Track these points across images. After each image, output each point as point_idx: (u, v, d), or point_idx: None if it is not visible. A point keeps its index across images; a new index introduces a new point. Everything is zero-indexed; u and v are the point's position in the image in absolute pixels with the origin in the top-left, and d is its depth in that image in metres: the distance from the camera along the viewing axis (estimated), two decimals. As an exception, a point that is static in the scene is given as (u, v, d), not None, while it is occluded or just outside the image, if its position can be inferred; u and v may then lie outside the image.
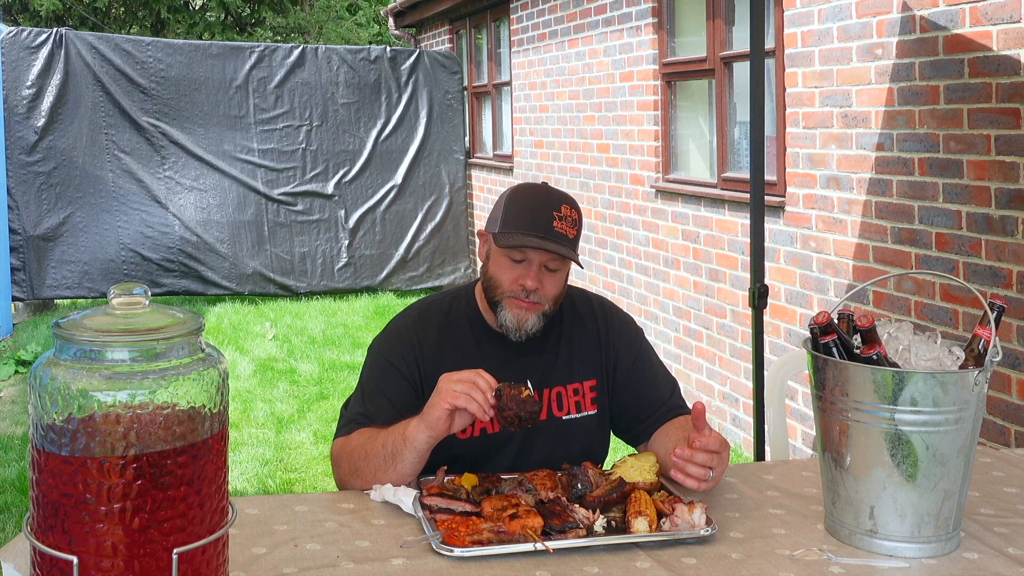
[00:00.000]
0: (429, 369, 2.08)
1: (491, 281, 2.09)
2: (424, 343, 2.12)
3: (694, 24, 5.80)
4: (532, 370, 2.11)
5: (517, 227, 2.03)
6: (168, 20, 18.04)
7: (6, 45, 8.06)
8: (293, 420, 5.62)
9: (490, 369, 2.03)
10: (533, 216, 2.03)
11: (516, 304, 2.06)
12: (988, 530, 1.79)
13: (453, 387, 1.84)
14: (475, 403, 1.82)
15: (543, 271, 2.05)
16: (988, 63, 3.45)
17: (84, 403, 1.17)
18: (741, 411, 5.16)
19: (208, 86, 8.74)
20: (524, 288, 2.04)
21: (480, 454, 2.08)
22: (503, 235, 2.04)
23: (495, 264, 2.08)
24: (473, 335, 2.15)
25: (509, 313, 2.06)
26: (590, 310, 2.24)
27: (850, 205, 4.24)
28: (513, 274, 2.05)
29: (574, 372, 2.16)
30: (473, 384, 1.84)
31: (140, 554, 1.17)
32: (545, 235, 2.01)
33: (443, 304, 2.20)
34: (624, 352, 2.20)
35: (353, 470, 1.97)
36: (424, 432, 1.87)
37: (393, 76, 9.39)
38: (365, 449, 1.95)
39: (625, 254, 6.53)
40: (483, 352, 2.12)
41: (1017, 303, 3.38)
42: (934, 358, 1.74)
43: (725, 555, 1.67)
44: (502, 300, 2.06)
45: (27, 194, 8.16)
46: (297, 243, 9.06)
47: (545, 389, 2.12)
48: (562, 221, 2.04)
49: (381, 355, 2.13)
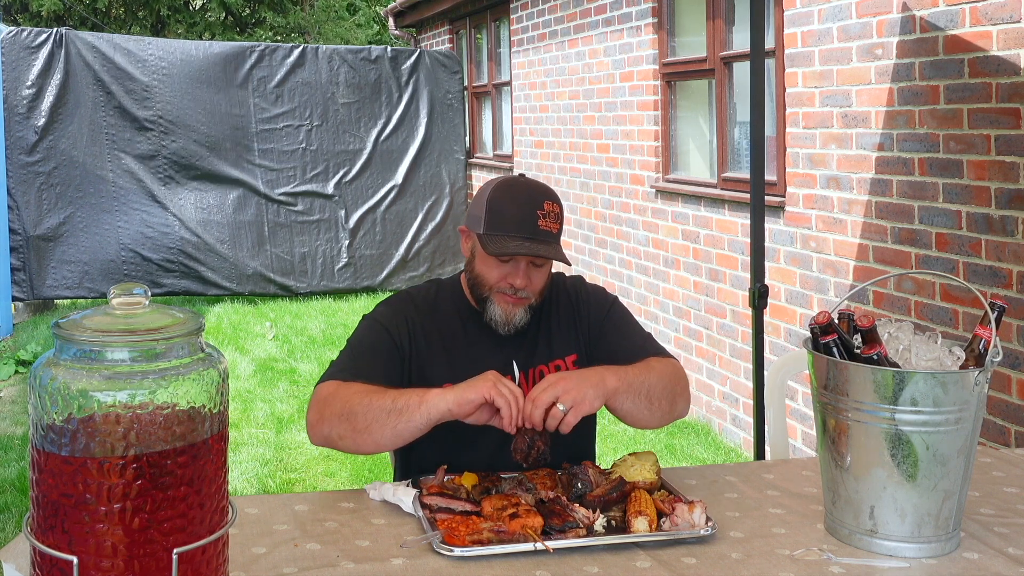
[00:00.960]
0: (420, 346, 2.12)
1: (479, 279, 2.10)
2: (416, 319, 2.14)
3: (694, 24, 5.80)
4: (516, 353, 2.15)
5: (503, 229, 2.04)
6: (168, 20, 18.03)
7: (6, 45, 8.06)
8: (293, 420, 5.62)
9: (476, 352, 2.09)
10: (518, 218, 2.04)
11: (504, 300, 2.08)
12: (988, 530, 1.79)
13: (500, 386, 1.86)
14: (509, 412, 1.85)
15: (530, 268, 2.08)
16: (988, 63, 3.45)
17: (84, 403, 1.17)
18: (741, 411, 5.16)
19: (208, 86, 8.73)
20: (512, 286, 2.06)
21: (465, 438, 2.05)
22: (489, 238, 2.04)
23: (482, 262, 2.10)
24: (460, 319, 2.18)
25: (498, 308, 2.09)
26: (564, 289, 2.26)
27: (850, 205, 4.24)
28: (501, 272, 2.07)
29: (554, 350, 2.18)
30: (517, 399, 1.86)
31: (140, 554, 1.17)
32: (532, 236, 2.03)
33: (430, 290, 2.24)
34: (595, 316, 2.22)
35: (345, 412, 1.91)
36: (448, 403, 1.87)
37: (394, 76, 9.39)
38: (369, 397, 1.91)
39: (625, 254, 6.53)
40: (469, 336, 2.15)
41: (1017, 303, 3.38)
42: (934, 358, 1.74)
43: (725, 555, 1.67)
44: (490, 296, 2.09)
45: (27, 194, 8.16)
46: (297, 243, 9.05)
47: (529, 369, 2.15)
48: (546, 219, 2.05)
49: (376, 320, 2.14)
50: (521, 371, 2.14)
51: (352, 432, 1.90)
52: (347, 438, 1.92)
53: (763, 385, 3.32)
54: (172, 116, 8.61)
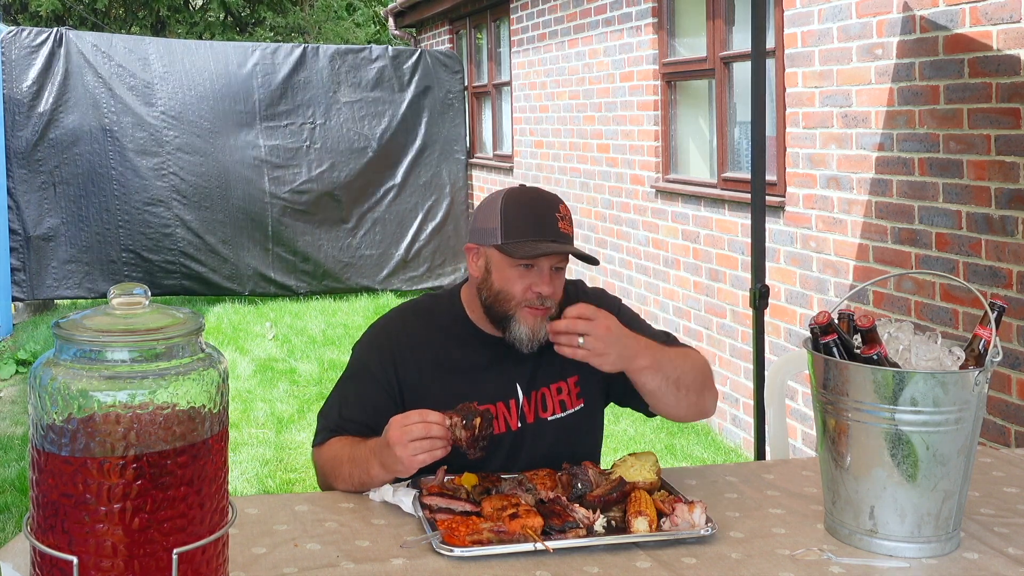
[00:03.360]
0: (412, 379, 2.06)
1: (501, 295, 2.02)
2: (403, 348, 2.08)
3: (694, 24, 5.81)
4: (516, 372, 2.09)
5: (526, 235, 1.98)
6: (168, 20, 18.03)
7: (6, 45, 8.06)
8: (293, 420, 5.62)
9: (474, 374, 2.04)
10: (539, 222, 2.00)
11: (531, 314, 2.00)
12: (988, 530, 1.79)
13: (409, 439, 1.81)
14: (436, 449, 1.83)
15: (553, 272, 2.02)
16: (988, 63, 3.45)
17: (84, 403, 1.17)
18: (741, 411, 5.16)
19: (210, 86, 8.73)
20: (539, 295, 1.99)
21: (467, 459, 2.06)
22: (514, 246, 1.98)
23: (502, 277, 2.01)
24: (457, 339, 2.11)
25: (523, 326, 2.01)
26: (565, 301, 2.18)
27: (850, 205, 4.24)
28: (525, 283, 2.00)
29: (555, 371, 2.11)
30: (426, 423, 1.82)
31: (140, 554, 1.17)
32: (556, 238, 1.99)
33: (426, 307, 2.17)
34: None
35: (327, 483, 2.03)
36: (387, 475, 1.89)
37: (395, 75, 9.38)
38: (335, 468, 1.98)
39: (625, 254, 6.53)
40: (469, 357, 2.09)
41: (1017, 303, 3.38)
42: (934, 358, 1.74)
43: (725, 555, 1.67)
44: (516, 313, 2.01)
45: (27, 194, 8.17)
46: (298, 243, 9.05)
47: (532, 392, 2.10)
48: (564, 221, 2.02)
49: (361, 361, 2.12)
50: (525, 395, 2.09)
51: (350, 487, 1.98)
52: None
53: (763, 385, 3.32)
54: (172, 116, 8.61)
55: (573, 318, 1.90)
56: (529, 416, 2.09)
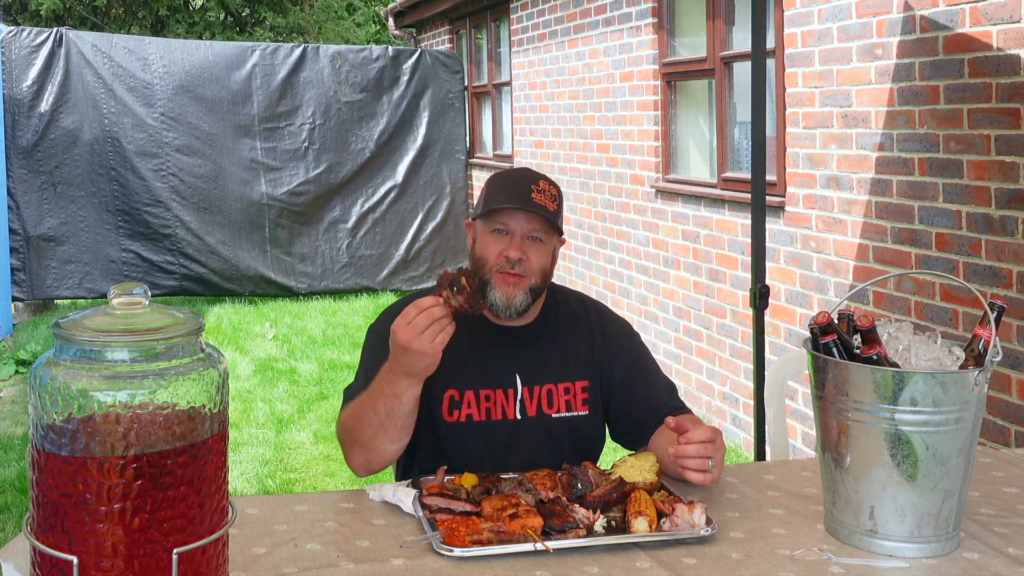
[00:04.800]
0: None
1: (478, 261, 2.11)
2: None
3: (694, 24, 5.80)
4: (523, 363, 2.13)
5: (497, 202, 2.08)
6: (168, 20, 18.04)
7: (6, 45, 8.06)
8: (293, 420, 5.62)
9: (481, 360, 2.09)
10: (514, 189, 2.09)
11: (503, 280, 2.07)
12: (988, 530, 1.79)
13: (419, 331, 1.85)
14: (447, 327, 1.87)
15: (527, 241, 2.08)
16: (988, 63, 3.45)
17: (84, 403, 1.17)
18: (741, 411, 5.16)
19: (209, 85, 8.73)
20: (508, 259, 2.06)
21: (465, 444, 2.08)
22: (485, 213, 2.09)
23: (481, 244, 2.11)
24: (465, 324, 2.13)
25: (498, 291, 2.07)
26: (585, 312, 2.25)
27: (850, 205, 4.24)
28: (498, 247, 2.07)
29: (566, 371, 2.16)
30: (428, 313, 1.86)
31: (140, 554, 1.17)
32: (522, 203, 2.06)
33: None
34: (620, 356, 2.20)
35: (352, 440, 2.01)
36: (414, 381, 1.91)
37: (395, 75, 9.38)
38: (359, 416, 1.98)
39: (625, 254, 6.53)
40: (475, 341, 2.13)
41: (1017, 303, 3.38)
42: (934, 358, 1.74)
43: (725, 555, 1.67)
44: (490, 278, 2.08)
45: (27, 194, 8.17)
46: (297, 243, 9.05)
47: (536, 386, 2.13)
48: (541, 193, 2.08)
49: (377, 334, 2.15)
50: (525, 386, 2.12)
51: (369, 451, 1.98)
52: (374, 460, 2.00)
53: (763, 385, 3.32)
54: (172, 116, 8.61)
55: (701, 443, 1.88)
56: (530, 409, 2.12)
